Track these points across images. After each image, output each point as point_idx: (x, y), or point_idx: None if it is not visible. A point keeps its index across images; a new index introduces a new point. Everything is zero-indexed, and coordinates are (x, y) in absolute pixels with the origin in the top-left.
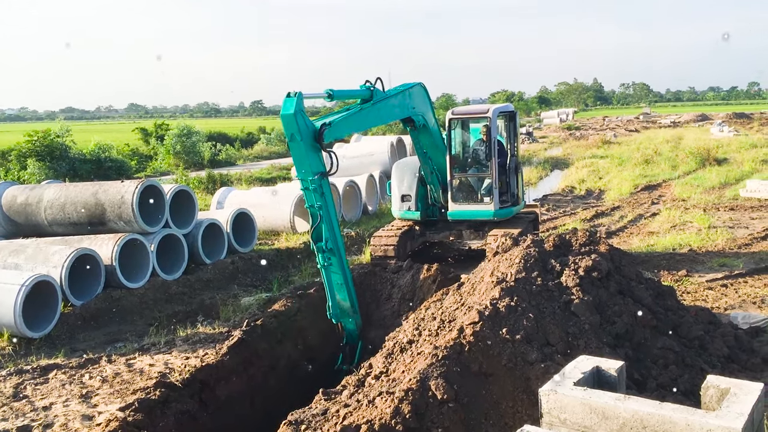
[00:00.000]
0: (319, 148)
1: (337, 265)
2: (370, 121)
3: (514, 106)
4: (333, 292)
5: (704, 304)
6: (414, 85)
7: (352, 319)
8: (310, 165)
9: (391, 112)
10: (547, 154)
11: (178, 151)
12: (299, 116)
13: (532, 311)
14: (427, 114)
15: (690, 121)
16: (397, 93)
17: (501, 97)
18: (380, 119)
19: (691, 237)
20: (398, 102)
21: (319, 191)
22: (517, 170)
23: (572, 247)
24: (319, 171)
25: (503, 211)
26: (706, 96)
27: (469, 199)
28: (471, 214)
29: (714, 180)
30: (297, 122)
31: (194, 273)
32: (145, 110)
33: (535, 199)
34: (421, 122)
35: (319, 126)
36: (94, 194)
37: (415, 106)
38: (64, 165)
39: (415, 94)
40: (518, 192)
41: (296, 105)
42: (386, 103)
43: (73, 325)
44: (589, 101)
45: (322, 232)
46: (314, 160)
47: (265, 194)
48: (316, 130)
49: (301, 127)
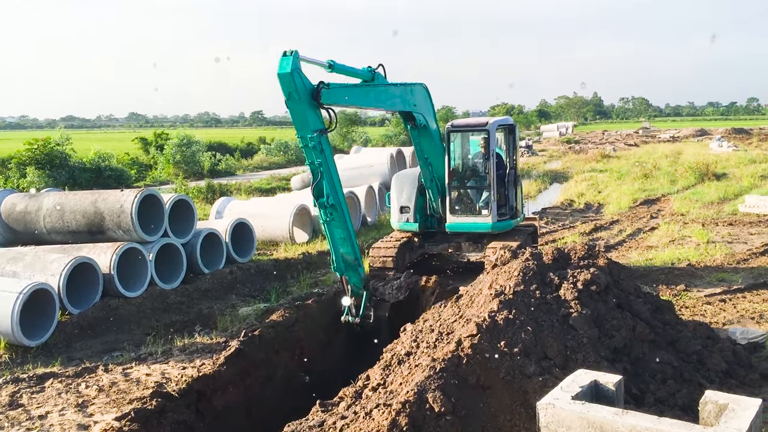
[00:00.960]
0: (316, 106)
1: (339, 220)
2: (370, 100)
3: (513, 119)
4: (336, 246)
5: (703, 318)
6: (416, 84)
7: (355, 272)
8: (309, 123)
9: (392, 100)
10: (546, 167)
11: (178, 161)
12: (296, 75)
13: (530, 324)
14: (428, 115)
15: (689, 136)
16: (399, 84)
17: (501, 110)
18: (379, 102)
19: (689, 252)
20: (399, 93)
21: (318, 148)
22: (515, 183)
23: (571, 261)
24: (317, 128)
25: (501, 224)
26: (705, 111)
27: (467, 212)
28: (469, 227)
29: (713, 195)
30: (294, 81)
31: (192, 283)
32: (146, 119)
33: (534, 212)
34: (421, 121)
35: (316, 85)
36: (94, 203)
37: (416, 104)
38: (64, 173)
39: (417, 92)
40: (517, 205)
41: (292, 64)
42: (387, 89)
43: (71, 333)
44: (589, 115)
45: (324, 188)
46: (312, 117)
47: (265, 204)
48: (313, 89)
49: (298, 86)
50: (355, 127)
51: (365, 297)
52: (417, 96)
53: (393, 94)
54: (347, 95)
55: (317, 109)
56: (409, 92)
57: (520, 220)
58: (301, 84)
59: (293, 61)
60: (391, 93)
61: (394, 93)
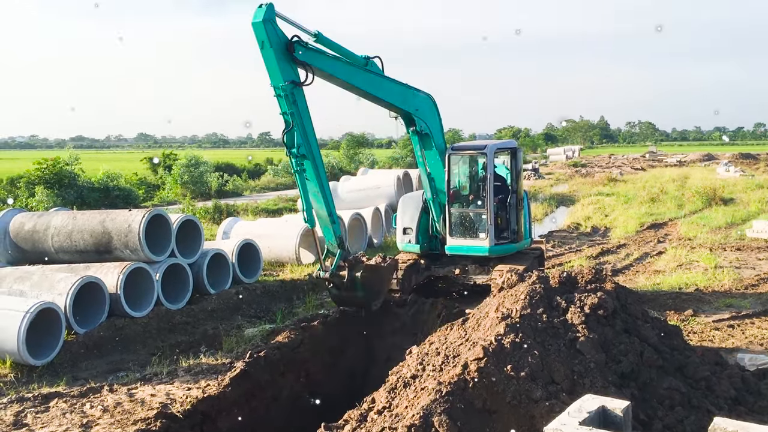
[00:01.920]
0: (290, 59)
1: (311, 173)
2: (358, 80)
3: (519, 142)
4: (308, 199)
5: (711, 344)
6: (422, 91)
7: (329, 229)
8: (280, 73)
9: (387, 91)
10: (553, 190)
11: (186, 181)
12: (268, 25)
13: (537, 348)
14: (433, 126)
15: (696, 160)
16: (399, 81)
17: (507, 133)
18: (371, 87)
19: (697, 276)
20: (398, 90)
21: (290, 99)
22: (518, 207)
23: (578, 285)
24: (289, 79)
25: (500, 248)
26: (712, 136)
27: (466, 234)
28: (467, 249)
29: (720, 220)
30: (266, 30)
31: (198, 303)
32: (154, 140)
33: (541, 235)
34: (423, 128)
35: (290, 37)
36: (102, 222)
37: (418, 108)
38: (73, 193)
39: (421, 99)
40: (520, 229)
41: (266, 14)
42: (383, 79)
43: (76, 353)
44: (595, 139)
45: (294, 138)
46: (285, 67)
47: (271, 225)
48: (287, 41)
49: (270, 35)
50: (362, 149)
51: (338, 255)
52: (420, 102)
53: (390, 87)
54: (330, 64)
55: (291, 62)
56: (411, 94)
57: (526, 245)
58: (274, 34)
59: (267, 12)
60: (388, 85)
61: (391, 86)
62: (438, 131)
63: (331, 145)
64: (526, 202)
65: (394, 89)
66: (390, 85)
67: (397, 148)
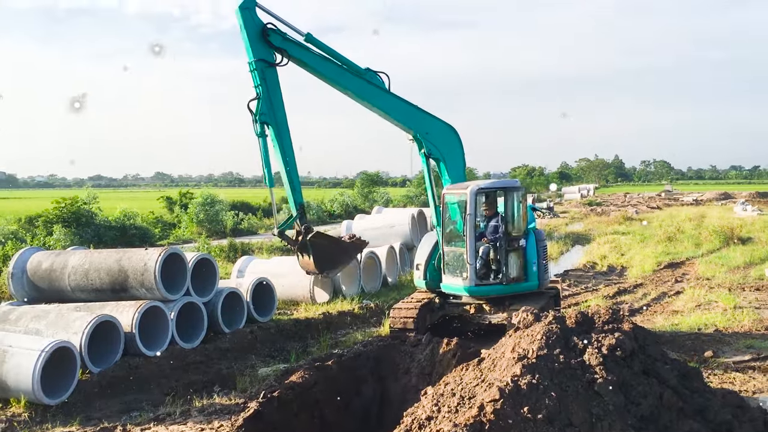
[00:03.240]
0: (264, 43)
1: (275, 140)
2: (350, 84)
3: (533, 180)
4: (269, 162)
5: (732, 386)
6: (441, 121)
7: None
8: (250, 51)
9: (389, 105)
10: (568, 229)
11: (201, 220)
12: (245, 12)
13: (554, 390)
14: (448, 154)
15: (712, 199)
16: (407, 102)
17: (522, 172)
18: (367, 96)
19: (716, 317)
20: (403, 107)
21: (261, 75)
22: (514, 248)
23: (595, 325)
24: (259, 57)
25: (483, 289)
26: (728, 174)
27: (455, 273)
28: (454, 288)
29: (738, 259)
30: (242, 16)
31: (212, 342)
32: (171, 179)
33: (557, 274)
34: (433, 153)
35: (265, 23)
36: (118, 261)
37: (429, 132)
38: (90, 231)
39: (436, 126)
40: (515, 271)
41: (245, 3)
42: (384, 92)
43: (90, 392)
44: (610, 178)
45: (259, 107)
46: (256, 47)
47: (286, 263)
48: (262, 26)
49: (246, 20)
50: (376, 187)
51: (292, 218)
52: (433, 128)
53: (392, 101)
54: (311, 58)
55: (264, 45)
56: (421, 117)
57: (532, 287)
58: (249, 19)
59: (246, 1)
60: (390, 98)
61: (393, 101)
62: (454, 162)
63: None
64: (532, 242)
65: (398, 105)
66: (392, 100)
67: (412, 186)
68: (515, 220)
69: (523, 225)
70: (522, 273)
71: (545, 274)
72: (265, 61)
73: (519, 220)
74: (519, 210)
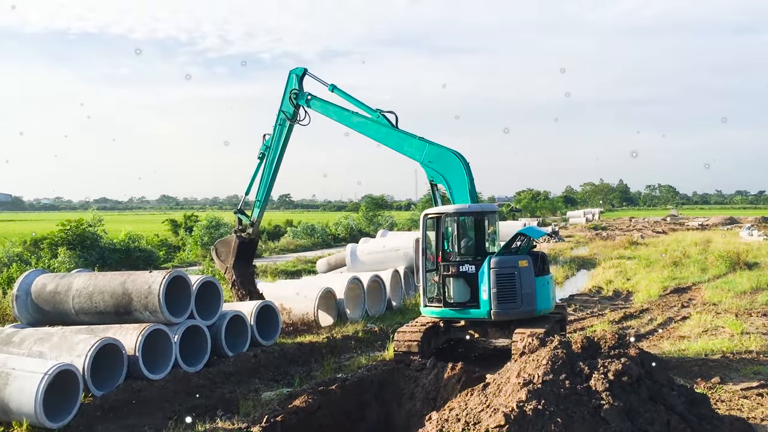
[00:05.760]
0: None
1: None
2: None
3: (538, 204)
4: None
5: (739, 413)
6: (445, 148)
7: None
8: (282, 104)
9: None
10: (573, 253)
11: (206, 243)
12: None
13: (560, 416)
14: (453, 181)
15: (718, 224)
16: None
17: (527, 196)
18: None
19: (723, 342)
20: (407, 142)
21: (277, 121)
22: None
23: (601, 350)
24: (284, 110)
25: (435, 312)
26: (733, 199)
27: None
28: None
29: (745, 284)
30: (289, 78)
31: (216, 365)
32: (176, 202)
33: (562, 299)
34: (435, 179)
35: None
36: (122, 284)
37: (432, 161)
38: (95, 254)
39: (442, 155)
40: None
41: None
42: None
43: (92, 416)
44: (615, 202)
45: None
46: (285, 103)
47: (290, 287)
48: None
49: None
50: (381, 210)
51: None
52: (437, 156)
53: (397, 137)
54: (329, 109)
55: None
56: (425, 147)
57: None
58: (292, 82)
59: (298, 69)
60: (395, 135)
61: (399, 136)
62: (459, 189)
63: (350, 206)
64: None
65: (404, 144)
66: (395, 135)
67: (416, 210)
68: (461, 245)
69: (475, 251)
70: (468, 299)
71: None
72: (285, 114)
73: (468, 244)
74: (469, 234)
